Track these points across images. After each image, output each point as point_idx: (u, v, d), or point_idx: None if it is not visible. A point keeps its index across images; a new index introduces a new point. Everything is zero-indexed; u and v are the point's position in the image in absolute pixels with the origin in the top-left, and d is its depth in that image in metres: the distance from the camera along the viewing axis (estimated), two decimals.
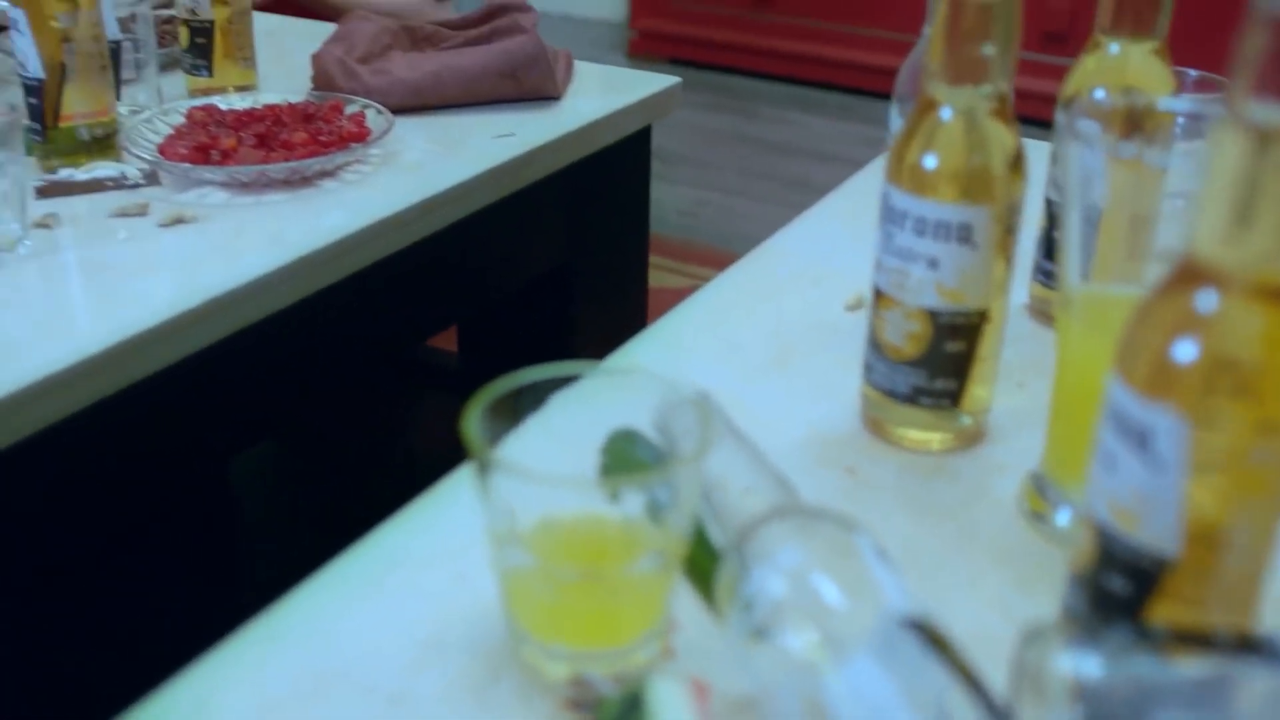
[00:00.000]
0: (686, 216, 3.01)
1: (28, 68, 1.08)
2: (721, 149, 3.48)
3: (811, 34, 4.04)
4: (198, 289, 0.91)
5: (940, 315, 0.68)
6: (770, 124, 3.75)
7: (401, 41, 1.35)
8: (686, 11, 4.24)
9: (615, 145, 1.33)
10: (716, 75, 4.16)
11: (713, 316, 0.89)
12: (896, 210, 0.67)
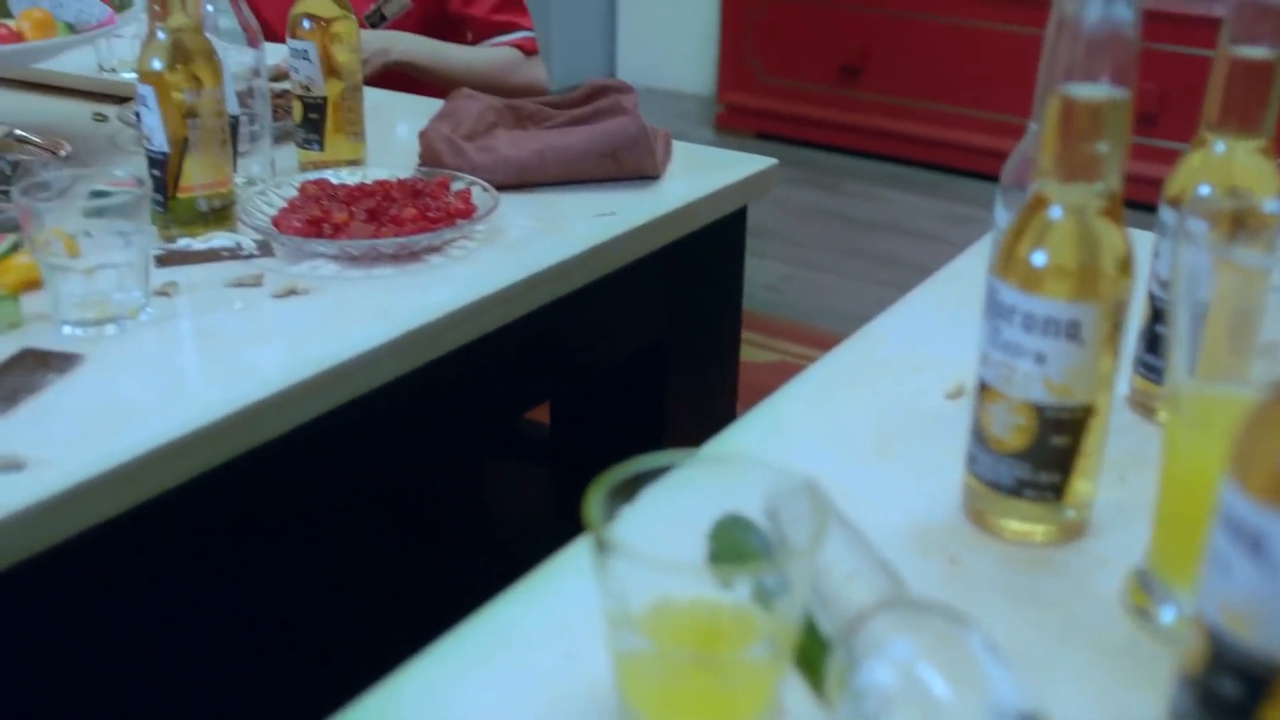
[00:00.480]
0: (773, 291, 3.02)
1: (153, 141, 1.13)
2: (808, 224, 3.50)
3: (899, 111, 4.06)
4: (309, 360, 0.94)
5: (1046, 410, 0.69)
6: (857, 199, 3.77)
7: (506, 119, 1.39)
8: (774, 86, 4.29)
9: (712, 225, 1.35)
10: (804, 150, 4.19)
11: (814, 400, 0.90)
12: (1005, 305, 0.68)
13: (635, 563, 0.51)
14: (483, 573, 1.40)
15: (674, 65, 4.91)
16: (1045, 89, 0.71)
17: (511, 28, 1.92)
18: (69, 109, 1.65)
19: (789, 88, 4.26)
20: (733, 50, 4.36)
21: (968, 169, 3.95)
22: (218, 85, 1.13)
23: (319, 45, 1.29)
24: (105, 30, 1.32)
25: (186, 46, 1.11)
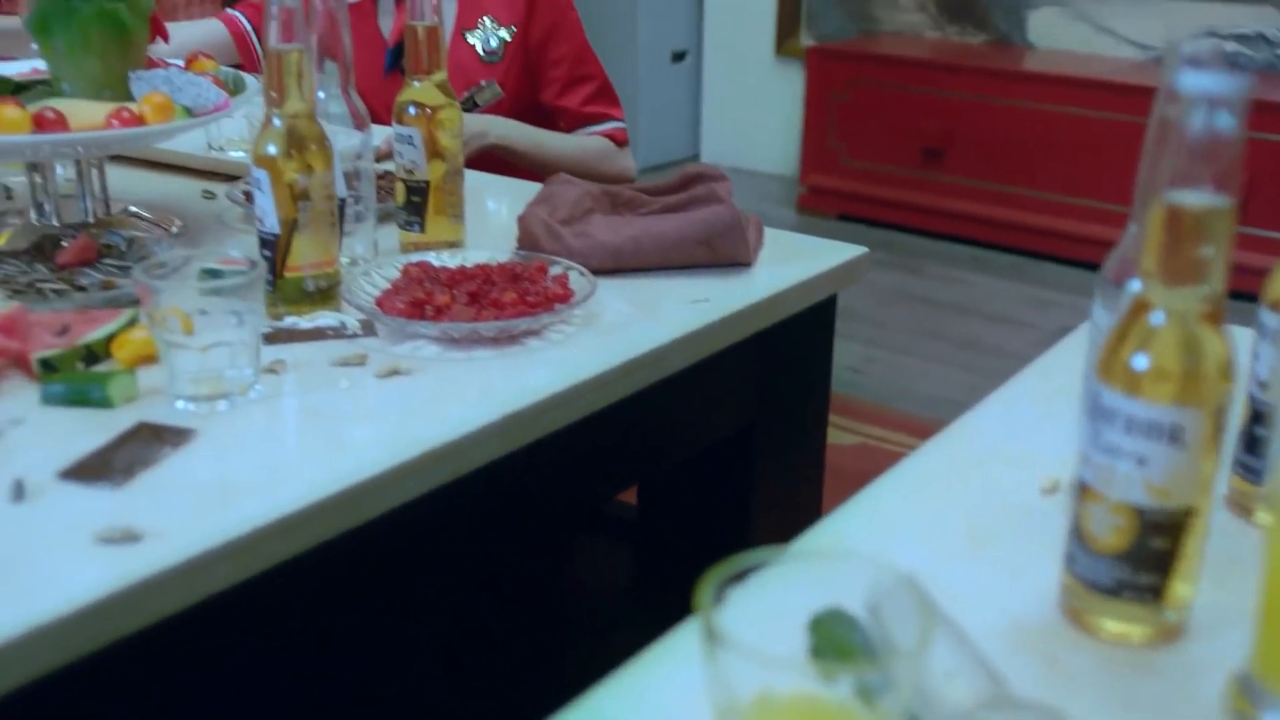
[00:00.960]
0: (855, 373, 3.02)
1: (265, 223, 1.17)
2: (891, 306, 3.50)
3: (981, 194, 4.07)
4: (411, 441, 0.96)
5: (1147, 512, 0.69)
6: (939, 282, 3.77)
7: (602, 205, 1.42)
8: (857, 169, 4.32)
9: (802, 312, 1.37)
10: (886, 232, 4.20)
11: (908, 492, 0.91)
12: (1107, 408, 0.69)
13: (740, 655, 0.52)
14: (566, 649, 1.42)
15: (757, 146, 4.96)
16: (1146, 191, 0.72)
17: (603, 119, 1.97)
18: (179, 186, 1.71)
19: (872, 170, 4.28)
20: (816, 132, 4.40)
21: (1050, 253, 3.94)
22: (328, 170, 1.17)
23: (423, 131, 1.33)
24: (220, 114, 1.37)
25: (300, 133, 1.16)
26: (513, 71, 1.93)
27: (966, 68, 4.09)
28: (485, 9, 1.93)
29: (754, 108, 4.95)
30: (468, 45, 1.92)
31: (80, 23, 1.35)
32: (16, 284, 1.25)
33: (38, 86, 1.41)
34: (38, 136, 1.25)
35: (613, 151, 1.96)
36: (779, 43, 4.82)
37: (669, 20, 4.96)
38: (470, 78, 1.91)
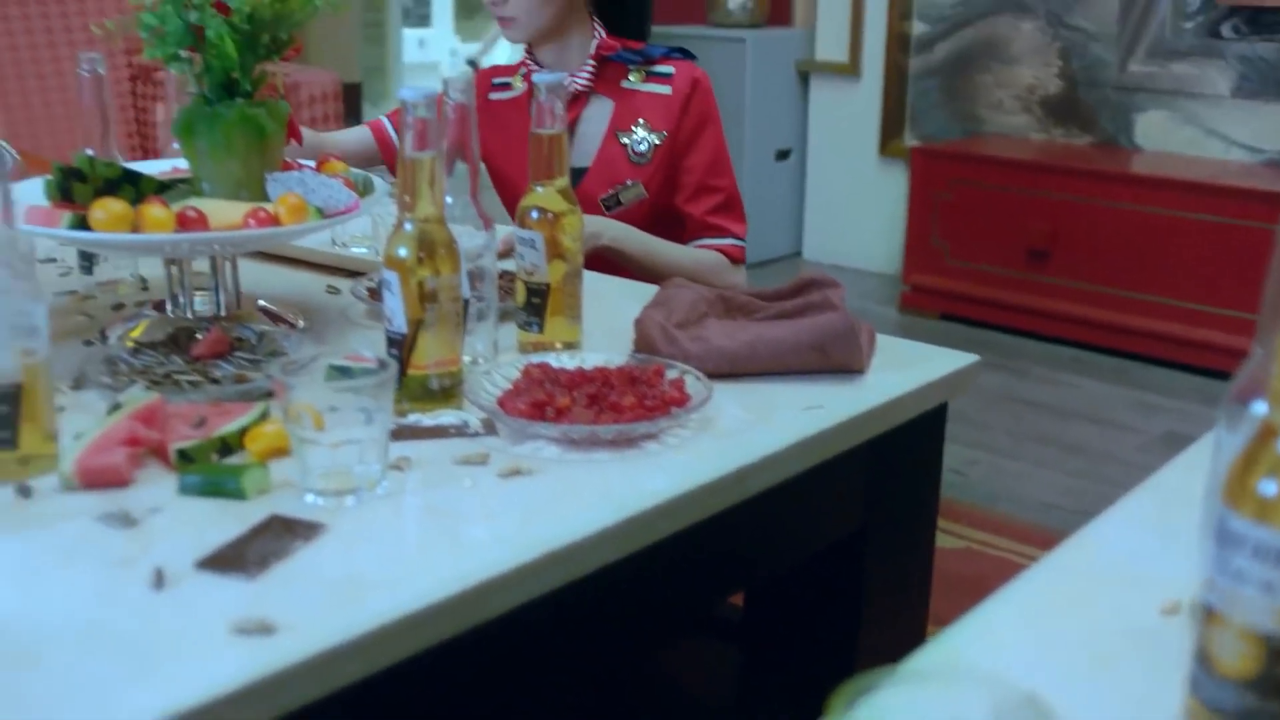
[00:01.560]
0: (958, 475, 3.00)
1: (394, 323, 1.21)
2: (994, 408, 3.48)
3: (1086, 296, 4.04)
4: (533, 542, 0.98)
5: (1275, 639, 0.69)
6: (1042, 384, 3.74)
7: (717, 309, 1.44)
8: (959, 269, 4.31)
9: (914, 419, 1.38)
10: (988, 332, 4.19)
11: (1025, 608, 0.91)
12: (1234, 534, 0.69)
13: None
14: None
15: (860, 244, 4.98)
16: (1274, 311, 0.73)
17: (723, 233, 2.01)
18: (304, 280, 1.77)
19: (975, 270, 4.27)
20: (919, 232, 4.41)
21: (1156, 356, 3.89)
22: (455, 273, 1.21)
23: (545, 235, 1.37)
24: (350, 215, 1.43)
25: (430, 237, 1.20)
26: (658, 175, 1.99)
27: (1072, 169, 4.08)
28: (640, 113, 1.99)
29: (857, 206, 4.98)
30: (619, 145, 1.99)
31: (223, 127, 1.42)
32: (154, 375, 1.30)
33: (180, 185, 1.47)
34: (181, 235, 1.31)
35: (725, 267, 1.99)
36: (883, 142, 4.86)
37: (774, 119, 5.02)
38: (617, 176, 1.98)
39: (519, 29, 1.96)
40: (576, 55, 2.00)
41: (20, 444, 1.09)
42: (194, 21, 1.40)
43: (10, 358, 1.08)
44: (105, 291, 1.72)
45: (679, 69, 1.99)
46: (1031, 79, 4.49)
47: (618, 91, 2.00)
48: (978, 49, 4.60)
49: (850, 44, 4.89)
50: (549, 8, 1.94)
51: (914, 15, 4.73)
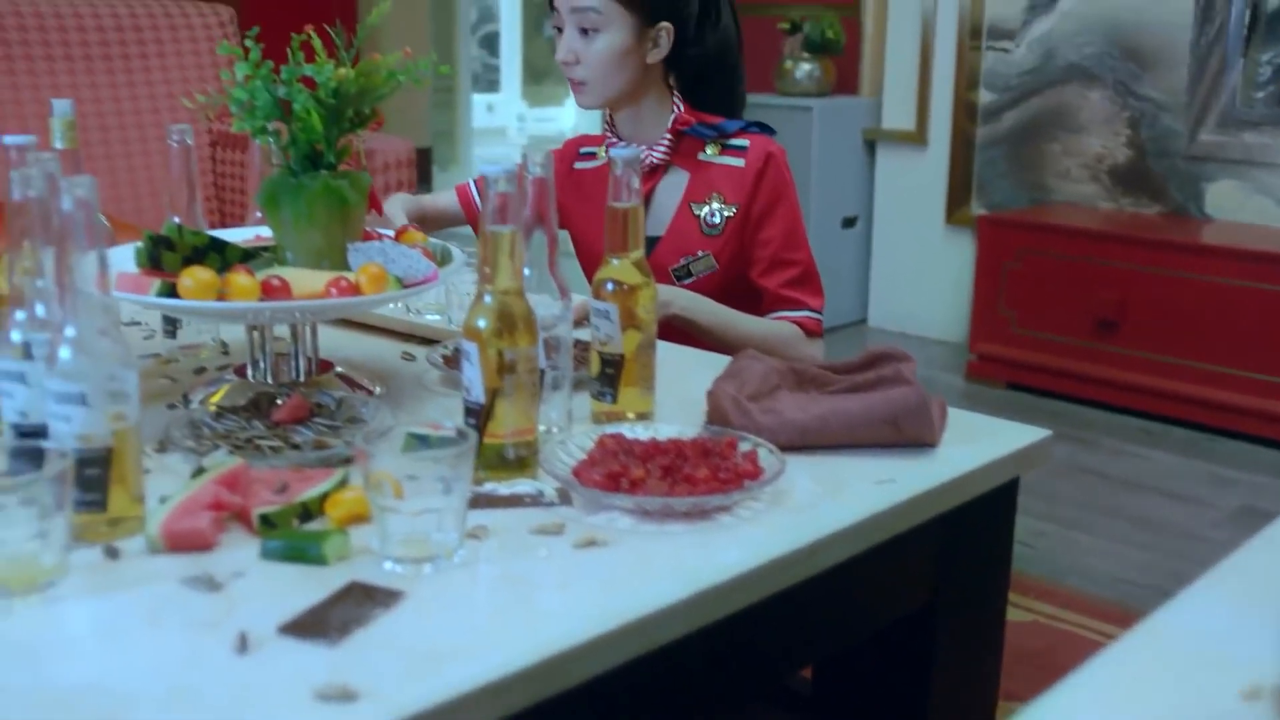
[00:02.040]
0: (1024, 546, 2.97)
1: (472, 392, 1.23)
2: (1063, 479, 3.45)
3: (1157, 367, 4.00)
4: (608, 613, 0.99)
5: None
6: (1112, 456, 3.70)
7: (789, 381, 1.45)
8: (1027, 338, 4.29)
9: (985, 494, 1.38)
10: (1056, 402, 4.15)
11: (1100, 693, 0.90)
12: None
13: None
14: None
15: (926, 312, 4.97)
16: None
17: (799, 305, 2.01)
18: (379, 346, 1.81)
19: (1043, 339, 4.25)
20: (986, 300, 4.39)
21: (1229, 429, 3.84)
22: (533, 345, 1.24)
23: (620, 307, 1.39)
24: (428, 285, 1.46)
25: (509, 309, 1.23)
26: (729, 247, 2.00)
27: (1141, 239, 4.05)
28: (715, 186, 2.00)
29: (923, 274, 4.98)
30: (693, 216, 2.00)
31: (307, 198, 1.45)
32: (237, 439, 1.33)
33: (263, 254, 1.51)
34: (266, 304, 1.35)
35: (799, 339, 1.99)
36: (950, 210, 4.86)
37: (841, 186, 5.05)
38: (689, 247, 1.99)
39: (590, 94, 1.99)
40: (654, 127, 2.03)
41: (110, 506, 1.12)
42: (282, 96, 1.45)
43: (102, 422, 1.11)
44: (187, 355, 1.76)
45: (753, 143, 2.01)
46: (1100, 148, 4.48)
47: (693, 164, 2.02)
48: (1045, 118, 4.60)
49: (917, 112, 4.91)
50: (621, 75, 1.96)
51: (981, 84, 4.75)
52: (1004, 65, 4.68)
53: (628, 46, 1.94)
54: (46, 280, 1.20)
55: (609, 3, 1.92)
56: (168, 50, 3.60)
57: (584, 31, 1.94)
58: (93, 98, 3.42)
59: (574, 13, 1.94)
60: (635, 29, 1.94)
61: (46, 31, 3.38)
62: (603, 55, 1.94)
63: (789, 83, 5.07)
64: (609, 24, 1.93)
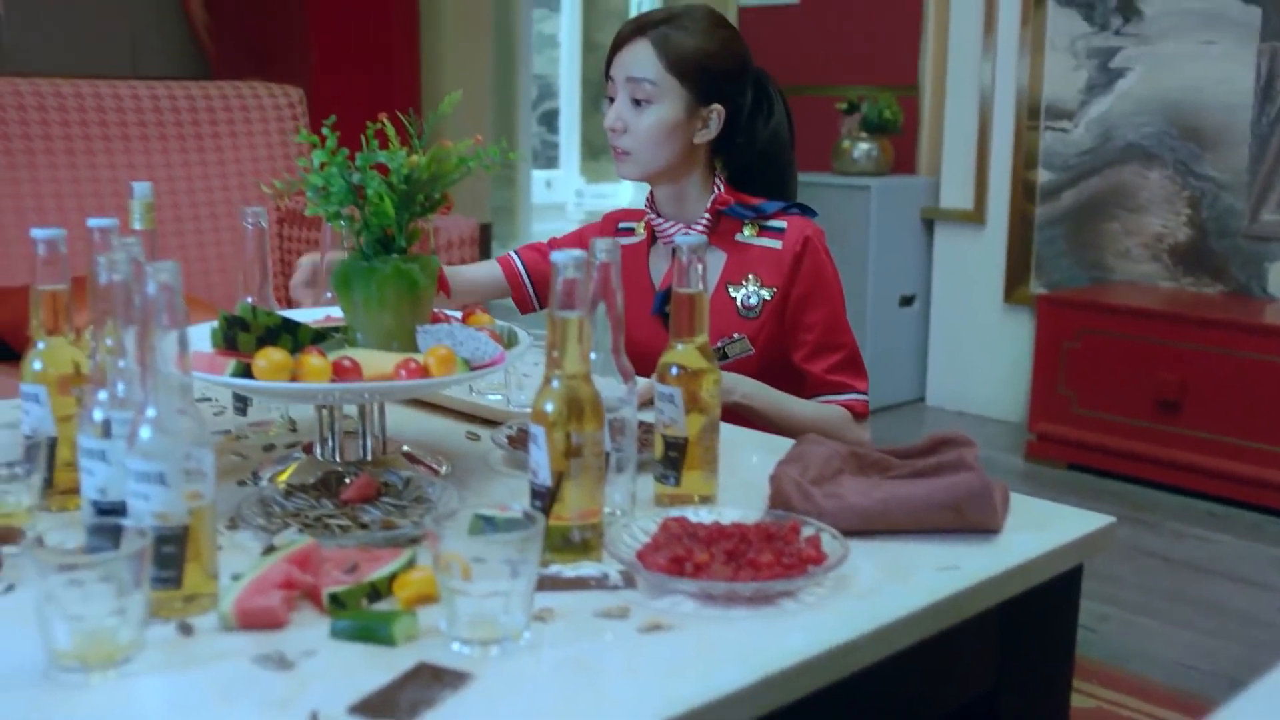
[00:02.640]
0: (1087, 631, 2.94)
1: (538, 475, 1.25)
2: (1125, 562, 3.41)
3: (1221, 448, 3.96)
4: (674, 699, 1.00)
5: None
6: (1176, 539, 3.65)
7: (851, 465, 1.46)
8: (1087, 418, 4.26)
9: (1049, 580, 1.37)
10: (1118, 483, 4.12)
11: None
12: None
13: None
14: None
15: (984, 391, 4.96)
16: None
17: (845, 389, 2.01)
18: (443, 426, 1.83)
19: (1104, 420, 4.22)
20: (1045, 380, 4.37)
21: None
22: (599, 429, 1.25)
23: (684, 391, 1.41)
24: (495, 367, 1.48)
25: (576, 393, 1.25)
26: (766, 329, 2.01)
27: (1203, 319, 4.03)
28: (752, 268, 2.01)
29: (981, 353, 4.97)
30: (729, 298, 2.01)
31: (379, 281, 1.49)
32: (306, 517, 1.36)
33: (334, 335, 1.54)
34: (338, 385, 1.38)
35: (849, 423, 1.99)
36: (1008, 289, 4.86)
37: (898, 265, 5.06)
38: (725, 329, 2.00)
39: (632, 164, 2.00)
40: (694, 206, 2.05)
41: (184, 583, 1.14)
42: (356, 182, 1.49)
43: (180, 501, 1.13)
44: (257, 432, 1.79)
45: (791, 225, 2.02)
46: (1160, 227, 4.47)
47: (731, 244, 2.03)
48: (1104, 197, 4.60)
49: (975, 191, 4.93)
50: (666, 150, 1.98)
51: (1039, 164, 4.76)
52: (1062, 145, 4.69)
53: (677, 122, 1.97)
54: (128, 360, 1.23)
55: (666, 76, 1.95)
56: (239, 130, 3.69)
57: (636, 102, 1.97)
58: (165, 176, 3.51)
59: (629, 82, 1.97)
60: (688, 106, 1.97)
61: (124, 113, 3.48)
62: (651, 128, 1.97)
63: (847, 162, 5.11)
64: (663, 97, 1.96)
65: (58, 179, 3.34)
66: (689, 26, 1.98)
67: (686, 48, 1.96)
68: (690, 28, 1.98)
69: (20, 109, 3.31)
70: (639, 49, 1.98)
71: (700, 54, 1.97)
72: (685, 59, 1.96)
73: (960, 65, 4.97)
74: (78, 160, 3.39)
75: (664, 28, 1.97)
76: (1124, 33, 4.49)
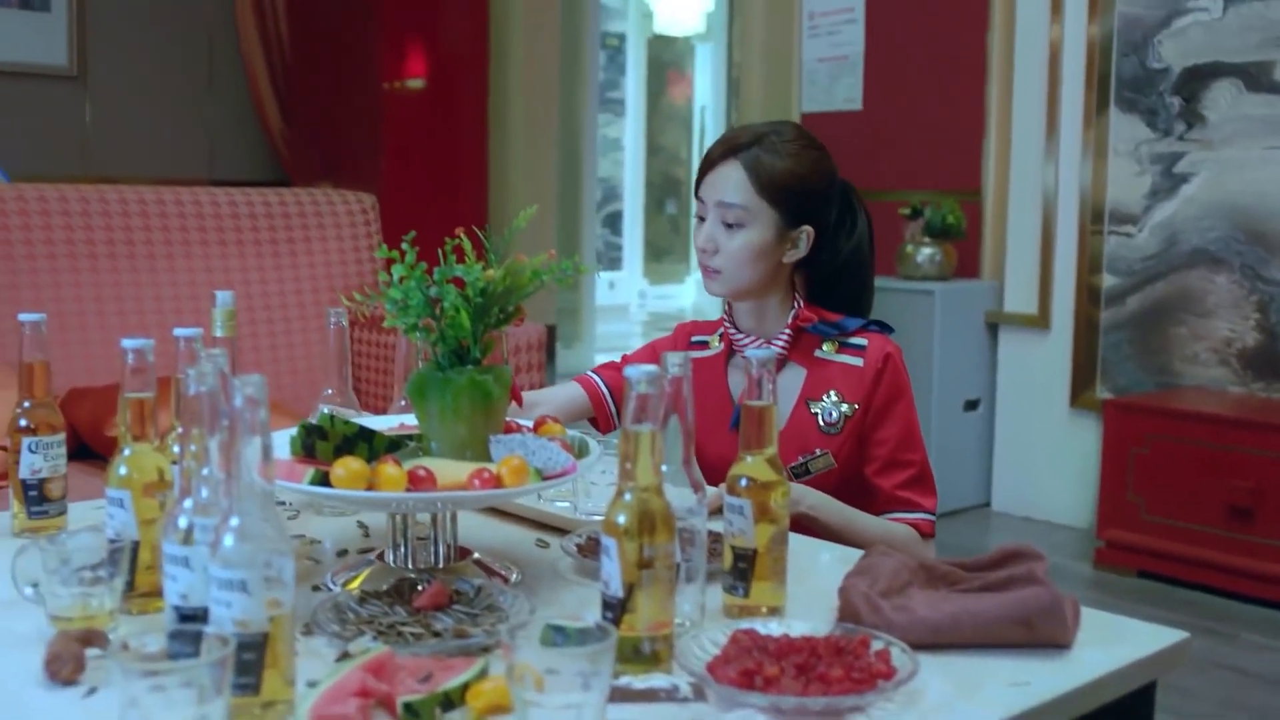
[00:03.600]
0: None
1: (610, 587, 1.27)
2: (1199, 674, 3.34)
3: None
4: None
5: None
6: (1254, 651, 3.58)
7: (920, 578, 1.46)
8: (1157, 525, 4.20)
9: (1122, 697, 1.36)
10: (1190, 592, 4.05)
11: None
12: None
13: None
14: None
15: (1050, 497, 4.91)
16: None
17: (914, 507, 2.00)
18: (512, 533, 1.85)
19: (1174, 527, 4.16)
20: (1114, 486, 4.33)
21: None
22: (671, 541, 1.27)
23: (754, 503, 1.43)
24: (567, 477, 1.51)
25: (649, 506, 1.26)
26: (847, 445, 2.02)
27: (1274, 425, 3.98)
28: (832, 384, 2.03)
29: (1048, 458, 4.93)
30: (810, 414, 2.03)
31: (453, 392, 1.52)
32: (380, 625, 1.38)
33: (409, 443, 1.58)
34: (414, 495, 1.41)
35: (915, 542, 1.99)
36: (1074, 394, 4.83)
37: (963, 369, 5.06)
38: (807, 444, 2.01)
39: (721, 283, 2.04)
40: (774, 321, 2.07)
41: (263, 690, 1.16)
42: (433, 295, 1.53)
43: (260, 608, 1.16)
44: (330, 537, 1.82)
45: (872, 342, 2.04)
46: (1228, 332, 4.44)
47: (811, 360, 2.05)
48: (1171, 302, 4.58)
49: (1039, 296, 4.93)
50: (755, 268, 2.01)
51: (1104, 268, 4.76)
52: (1127, 249, 4.69)
53: (767, 245, 2.01)
54: (212, 467, 1.26)
55: (757, 200, 1.98)
56: (313, 235, 3.79)
57: (728, 225, 2.01)
58: (242, 279, 3.60)
59: (720, 206, 2.01)
60: (778, 228, 2.00)
61: (203, 219, 3.59)
62: (742, 250, 2.00)
63: (910, 266, 5.14)
64: (753, 221, 1.99)
65: (138, 282, 3.44)
66: (780, 149, 2.01)
67: (778, 171, 1.99)
68: (781, 149, 2.01)
69: (105, 215, 3.42)
70: (730, 172, 2.01)
71: (791, 177, 2.00)
72: (776, 183, 1.99)
73: (1023, 169, 5.00)
74: (158, 264, 3.48)
75: (755, 150, 2.00)
76: (1187, 138, 4.50)
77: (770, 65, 6.07)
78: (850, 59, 5.69)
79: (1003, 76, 5.12)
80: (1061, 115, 4.83)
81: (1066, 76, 4.82)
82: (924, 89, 5.45)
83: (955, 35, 5.32)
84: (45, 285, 3.29)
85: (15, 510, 1.78)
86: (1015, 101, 5.04)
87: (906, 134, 5.49)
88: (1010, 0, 5.06)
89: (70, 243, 3.36)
